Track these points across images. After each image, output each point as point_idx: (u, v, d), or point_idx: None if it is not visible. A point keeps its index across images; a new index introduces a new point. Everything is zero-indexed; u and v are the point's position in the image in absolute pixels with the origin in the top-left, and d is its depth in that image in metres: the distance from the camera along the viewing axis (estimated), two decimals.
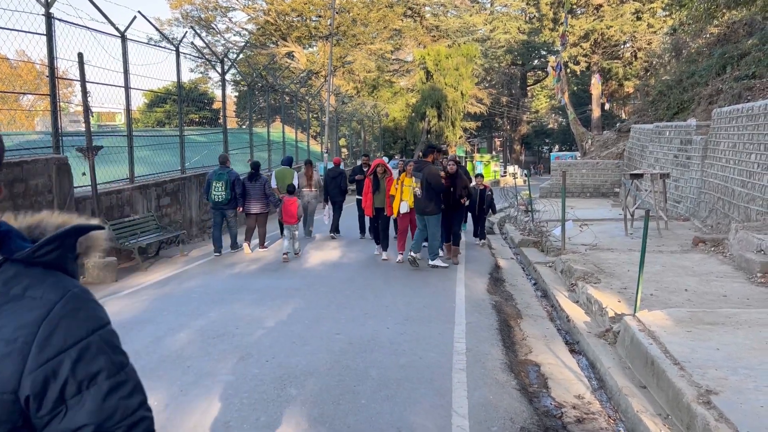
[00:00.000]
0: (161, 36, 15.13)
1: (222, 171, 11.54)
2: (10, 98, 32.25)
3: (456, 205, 10.74)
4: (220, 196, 11.39)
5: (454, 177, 10.61)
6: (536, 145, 68.63)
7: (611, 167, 22.00)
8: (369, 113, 37.62)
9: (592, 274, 8.62)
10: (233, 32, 44.64)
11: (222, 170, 11.55)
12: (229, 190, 11.43)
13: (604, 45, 40.74)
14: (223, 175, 11.48)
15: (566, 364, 5.88)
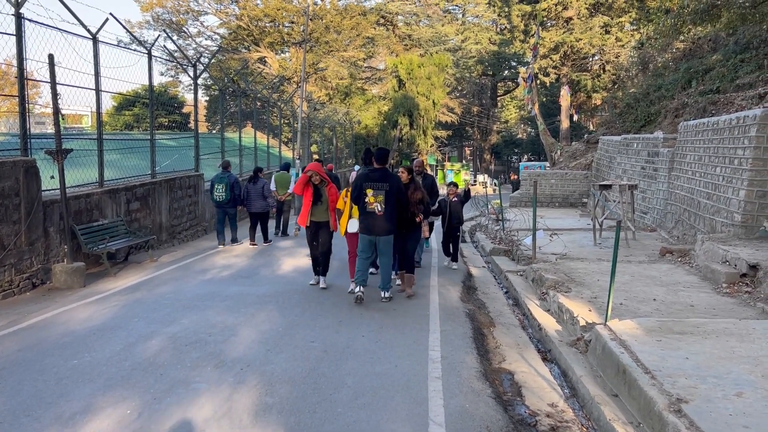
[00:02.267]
0: (133, 39, 14.94)
1: (223, 175, 13.26)
2: None
3: (409, 223, 8.58)
4: (221, 196, 13.10)
5: (406, 187, 8.57)
6: (506, 154, 69.40)
7: (580, 178, 22.33)
8: (341, 120, 37.62)
9: (562, 283, 8.73)
10: (205, 36, 44.31)
11: (223, 174, 13.28)
12: (229, 191, 13.11)
13: (573, 57, 41.41)
14: (224, 178, 13.17)
15: (539, 372, 5.94)
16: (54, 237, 9.64)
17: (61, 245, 9.70)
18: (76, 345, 6.23)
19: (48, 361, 5.74)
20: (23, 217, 8.95)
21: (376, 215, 8.11)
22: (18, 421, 4.43)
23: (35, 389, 5.02)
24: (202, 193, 15.95)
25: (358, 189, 8.23)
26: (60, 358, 5.82)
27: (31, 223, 9.11)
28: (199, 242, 14.43)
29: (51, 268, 9.40)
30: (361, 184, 8.22)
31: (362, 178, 8.24)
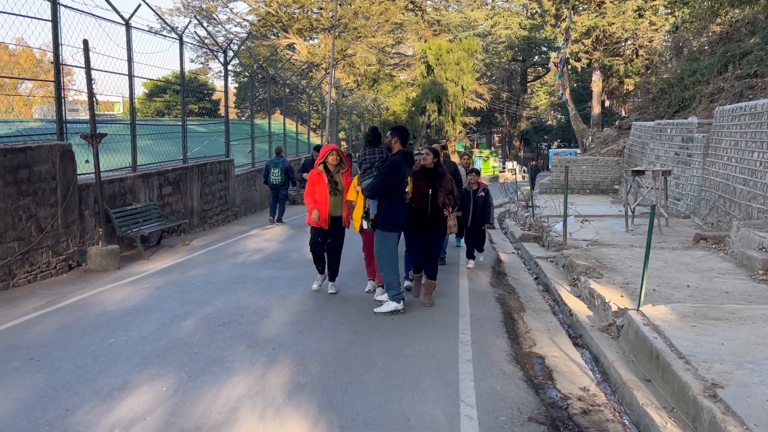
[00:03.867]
0: (165, 25, 15.08)
1: (278, 160, 14.75)
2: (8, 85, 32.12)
3: (436, 217, 7.14)
4: (277, 179, 14.49)
5: (432, 175, 7.13)
6: (535, 141, 68.71)
7: (611, 164, 22.03)
8: (369, 107, 37.58)
9: (594, 269, 8.65)
10: (234, 23, 44.51)
11: (278, 159, 14.78)
12: (283, 174, 14.52)
13: (605, 42, 40.71)
14: (278, 163, 14.66)
15: (570, 356, 5.91)
16: (89, 220, 9.83)
17: (96, 228, 9.89)
18: (112, 324, 6.37)
19: (85, 339, 5.87)
20: (59, 201, 9.14)
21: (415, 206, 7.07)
22: (59, 396, 4.55)
23: (74, 366, 5.15)
24: (233, 179, 16.10)
25: (399, 177, 6.80)
26: (97, 336, 5.96)
27: (67, 207, 9.29)
28: (229, 227, 14.58)
29: (86, 250, 9.59)
30: (402, 171, 6.81)
31: (400, 163, 6.79)
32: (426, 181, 7.07)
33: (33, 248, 8.61)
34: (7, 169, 8.18)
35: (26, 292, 7.95)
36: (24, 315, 6.76)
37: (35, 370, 5.05)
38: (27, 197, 8.53)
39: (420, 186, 7.06)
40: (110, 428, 4.04)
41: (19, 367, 5.14)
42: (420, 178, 7.08)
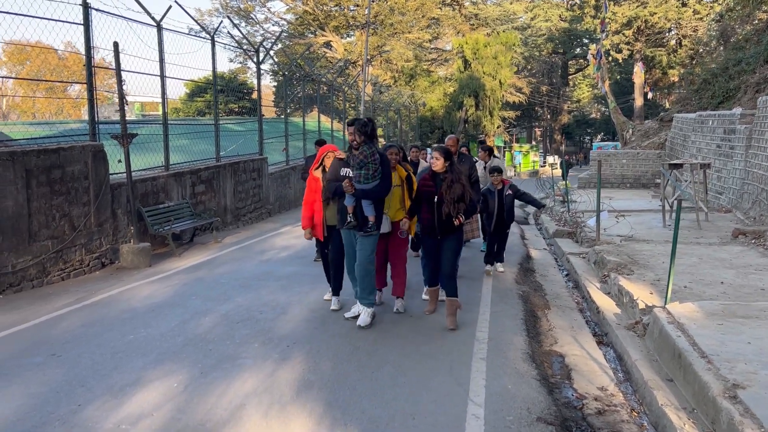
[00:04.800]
0: (198, 25, 15.29)
1: None
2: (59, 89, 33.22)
3: (445, 227, 6.26)
4: None
5: (440, 181, 6.24)
6: (577, 134, 67.55)
7: (652, 157, 21.47)
8: (406, 103, 37.48)
9: (625, 265, 8.43)
10: (272, 22, 44.93)
11: None
12: None
13: (647, 32, 39.70)
14: None
15: (592, 355, 5.76)
16: (121, 218, 10.03)
17: (129, 226, 10.08)
18: (134, 321, 6.48)
19: (107, 335, 5.98)
20: (92, 200, 9.34)
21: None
22: (73, 391, 4.64)
23: (92, 362, 5.25)
24: (266, 176, 16.23)
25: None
26: (118, 333, 6.06)
27: (100, 205, 9.49)
28: (262, 224, 14.72)
29: (119, 248, 9.79)
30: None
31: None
32: (433, 187, 6.26)
33: (66, 246, 8.83)
34: (41, 170, 8.40)
35: (59, 289, 8.16)
36: (53, 311, 6.94)
37: (55, 366, 5.17)
38: (60, 196, 8.74)
39: (426, 192, 6.30)
40: (118, 424, 4.10)
41: (41, 362, 5.27)
42: (427, 183, 6.31)
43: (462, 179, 6.25)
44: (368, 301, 6.31)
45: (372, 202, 6.19)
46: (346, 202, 6.20)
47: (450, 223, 6.22)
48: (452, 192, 6.14)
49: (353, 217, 6.19)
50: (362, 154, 6.13)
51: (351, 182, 6.09)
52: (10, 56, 31.75)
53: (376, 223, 6.26)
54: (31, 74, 27.39)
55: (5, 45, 17.20)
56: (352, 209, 6.20)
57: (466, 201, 6.22)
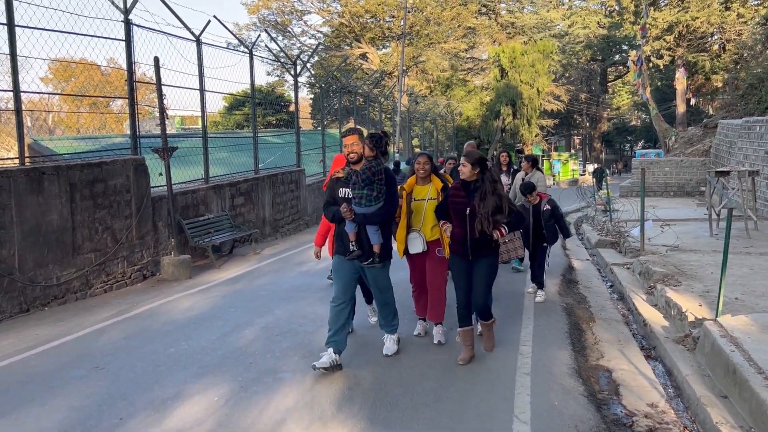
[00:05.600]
0: (236, 39, 15.48)
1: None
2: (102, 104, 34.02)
3: (479, 246, 5.38)
4: None
5: (473, 191, 5.38)
6: (617, 142, 66.46)
7: (696, 165, 20.94)
8: (442, 112, 37.36)
9: (672, 276, 8.18)
10: (308, 35, 45.34)
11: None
12: None
13: (689, 37, 38.85)
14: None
15: (640, 370, 5.57)
16: (162, 231, 10.15)
17: (169, 239, 10.19)
18: (175, 333, 6.50)
19: (148, 348, 6.01)
20: (134, 213, 9.47)
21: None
22: (115, 404, 4.65)
23: (134, 375, 5.27)
24: (304, 188, 16.30)
25: None
26: (160, 345, 6.09)
27: (141, 218, 9.62)
28: (300, 236, 14.76)
29: (160, 260, 9.89)
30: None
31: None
32: (464, 198, 5.38)
33: (109, 259, 8.96)
34: (85, 184, 8.55)
35: (101, 302, 8.26)
36: (96, 324, 7.02)
37: (97, 379, 5.20)
38: (103, 210, 8.88)
39: (457, 204, 5.41)
40: None
41: (84, 375, 5.31)
42: (458, 194, 5.43)
43: (498, 189, 5.33)
44: (391, 328, 5.74)
45: (378, 227, 5.34)
46: (347, 229, 5.34)
47: (484, 241, 5.33)
48: (486, 205, 5.26)
49: (356, 246, 5.33)
50: (369, 170, 5.17)
51: (349, 207, 5.19)
52: (56, 73, 32.65)
53: (383, 252, 5.39)
54: (75, 90, 28.09)
55: (51, 62, 17.66)
56: (354, 236, 5.33)
57: (505, 212, 5.34)
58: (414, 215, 5.96)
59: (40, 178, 7.79)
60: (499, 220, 5.32)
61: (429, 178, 6.02)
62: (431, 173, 6.04)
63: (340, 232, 5.46)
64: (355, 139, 5.22)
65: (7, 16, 7.63)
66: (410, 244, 5.94)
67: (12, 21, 7.69)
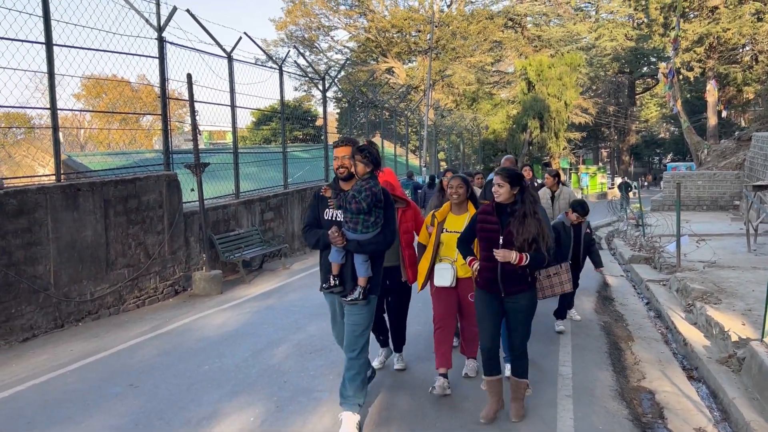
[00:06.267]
0: (266, 56, 15.61)
1: (408, 182, 17.56)
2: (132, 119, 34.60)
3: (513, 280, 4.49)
4: None
5: (507, 215, 4.50)
6: (646, 155, 65.64)
7: (730, 178, 20.55)
8: (468, 126, 37.26)
9: (711, 293, 7.98)
10: (335, 50, 45.70)
11: (408, 182, 17.58)
12: (413, 195, 16.57)
13: (720, 49, 38.32)
14: (408, 184, 17.42)
15: (684, 392, 5.40)
16: (194, 246, 10.19)
17: (201, 254, 10.23)
18: (208, 351, 6.48)
19: (182, 366, 5.99)
20: (166, 228, 9.53)
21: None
22: (152, 424, 4.63)
23: (169, 393, 5.24)
24: None
25: None
26: (193, 363, 6.07)
27: (173, 234, 9.67)
28: None
29: (191, 275, 9.93)
30: None
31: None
32: (496, 224, 4.45)
33: (141, 274, 9.00)
34: (118, 200, 8.63)
35: (134, 317, 8.30)
36: (130, 340, 7.03)
37: (133, 397, 5.18)
38: (136, 225, 8.94)
39: (488, 232, 4.48)
40: None
41: (119, 393, 5.30)
42: (488, 219, 4.50)
43: (538, 213, 4.47)
44: (352, 404, 4.42)
45: (368, 257, 4.40)
46: (332, 258, 4.40)
47: (520, 273, 4.44)
48: (526, 231, 4.34)
49: (337, 279, 4.41)
50: (368, 192, 4.23)
51: (340, 231, 4.29)
52: (87, 89, 33.26)
53: (371, 287, 4.42)
54: (106, 106, 28.64)
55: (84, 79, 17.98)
56: (338, 268, 4.42)
57: (540, 246, 4.40)
58: (444, 248, 5.18)
59: (75, 195, 7.87)
60: (535, 251, 4.40)
61: (465, 206, 5.25)
62: (467, 200, 5.27)
63: (323, 262, 4.55)
64: (348, 152, 4.38)
65: (46, 36, 7.75)
66: (437, 275, 5.13)
67: (50, 40, 7.82)
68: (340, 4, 43.20)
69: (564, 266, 5.10)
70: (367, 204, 4.21)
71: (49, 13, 7.75)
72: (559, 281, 4.98)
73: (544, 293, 4.98)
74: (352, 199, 4.22)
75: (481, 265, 4.56)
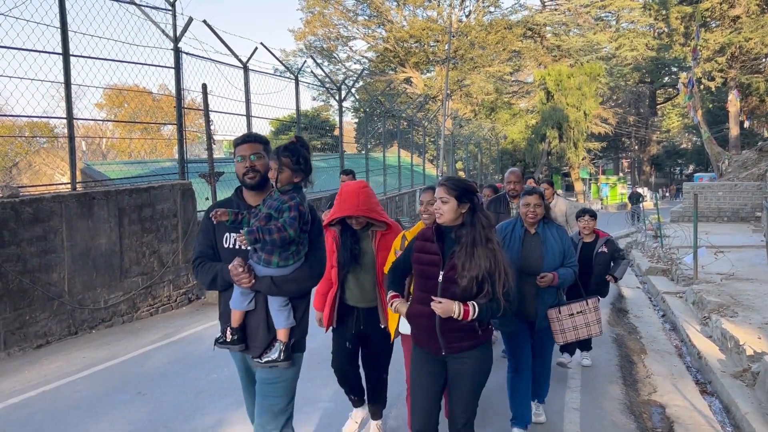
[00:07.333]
0: (283, 66, 15.72)
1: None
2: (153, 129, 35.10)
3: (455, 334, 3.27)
4: None
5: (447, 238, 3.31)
6: (668, 165, 65.02)
7: (752, 189, 20.25)
8: (486, 136, 37.20)
9: (727, 306, 7.86)
10: (353, 61, 45.93)
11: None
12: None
13: (742, 59, 37.93)
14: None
15: (696, 406, 5.31)
16: None
17: None
18: (217, 359, 6.49)
19: (191, 374, 6.02)
20: (180, 236, 9.60)
21: None
22: (157, 431, 4.65)
23: (176, 401, 5.27)
24: None
25: None
26: (202, 371, 6.09)
27: (188, 242, 9.74)
28: None
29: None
30: None
31: None
32: (436, 254, 3.28)
33: (155, 282, 9.08)
34: (133, 208, 8.72)
35: (147, 325, 8.36)
36: (141, 348, 7.08)
37: (140, 405, 5.22)
38: (150, 234, 9.03)
39: (424, 261, 3.32)
40: None
41: (128, 400, 5.34)
42: (427, 247, 3.34)
43: (493, 241, 3.22)
44: None
45: (288, 300, 3.14)
46: (233, 304, 3.11)
47: (467, 325, 3.20)
48: (474, 265, 3.14)
49: (237, 332, 3.14)
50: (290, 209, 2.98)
51: (246, 265, 3.00)
52: (109, 99, 33.77)
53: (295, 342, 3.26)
54: (127, 116, 29.05)
55: (105, 89, 18.27)
56: (241, 317, 3.13)
57: (496, 287, 3.16)
58: None
59: (90, 203, 7.96)
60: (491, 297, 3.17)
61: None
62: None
63: (223, 310, 3.25)
64: (258, 149, 3.17)
65: (63, 47, 7.88)
66: (403, 320, 3.72)
67: (67, 51, 7.94)
68: (359, 14, 43.49)
69: (591, 303, 4.40)
70: (294, 230, 2.96)
71: (67, 24, 7.88)
72: (584, 322, 4.29)
73: (565, 337, 4.30)
74: (270, 224, 2.95)
75: (413, 309, 3.33)
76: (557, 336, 4.27)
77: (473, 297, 3.14)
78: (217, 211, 3.10)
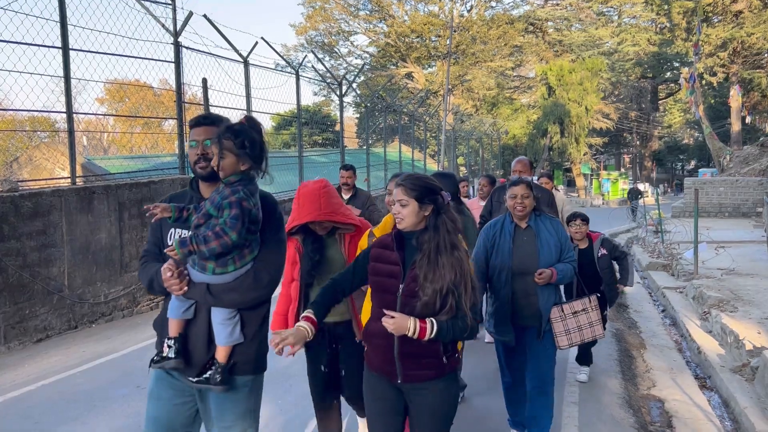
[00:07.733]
0: (284, 60, 15.71)
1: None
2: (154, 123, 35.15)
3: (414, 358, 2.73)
4: None
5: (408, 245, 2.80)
6: (669, 161, 64.92)
7: (753, 185, 20.23)
8: (488, 131, 37.16)
9: (727, 301, 7.86)
10: (355, 56, 45.87)
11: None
12: None
13: (744, 54, 37.84)
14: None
15: (695, 401, 5.31)
16: None
17: None
18: None
19: None
20: None
21: None
22: None
23: None
24: None
25: None
26: None
27: None
28: None
29: None
30: None
31: None
32: (395, 264, 2.79)
33: None
34: (133, 202, 8.72)
35: (147, 319, 8.35)
36: (140, 342, 7.08)
37: (139, 398, 5.22)
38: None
39: (382, 272, 2.83)
40: None
41: (126, 394, 5.35)
42: (385, 255, 2.84)
43: (460, 249, 2.73)
44: None
45: (236, 312, 2.63)
46: (171, 312, 2.62)
47: (428, 348, 2.71)
48: (438, 277, 2.65)
49: (176, 344, 2.59)
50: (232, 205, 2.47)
51: (180, 270, 2.53)
52: (110, 94, 33.77)
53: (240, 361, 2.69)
54: (129, 110, 29.05)
55: (107, 84, 18.27)
56: (179, 327, 2.62)
57: (461, 302, 2.68)
58: None
59: (90, 198, 7.96)
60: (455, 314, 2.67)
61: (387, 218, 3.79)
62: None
63: (160, 321, 2.75)
64: (211, 134, 2.63)
65: (62, 40, 7.87)
66: None
67: (66, 45, 7.94)
68: (360, 9, 43.40)
69: (592, 300, 4.04)
70: (237, 232, 2.44)
71: (66, 18, 7.87)
72: (587, 321, 3.94)
73: (570, 339, 3.94)
74: (207, 228, 2.48)
75: (370, 327, 2.86)
76: (561, 338, 3.88)
77: (436, 313, 2.63)
78: (157, 206, 2.60)
